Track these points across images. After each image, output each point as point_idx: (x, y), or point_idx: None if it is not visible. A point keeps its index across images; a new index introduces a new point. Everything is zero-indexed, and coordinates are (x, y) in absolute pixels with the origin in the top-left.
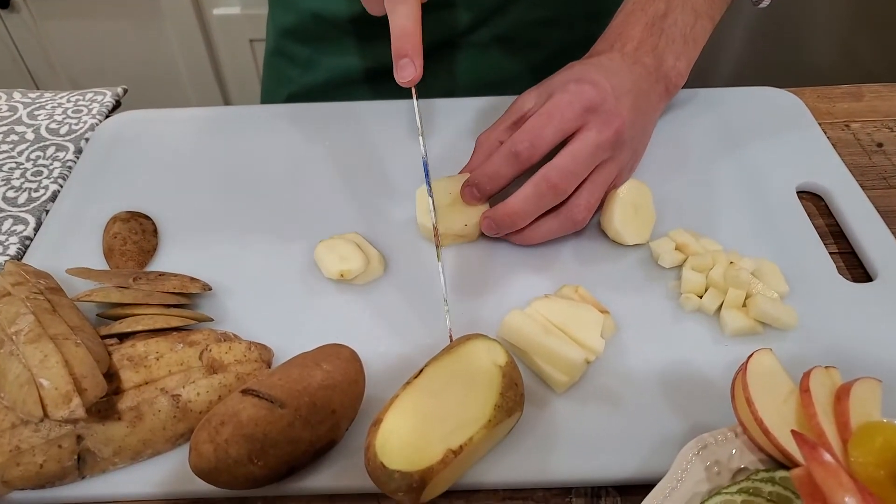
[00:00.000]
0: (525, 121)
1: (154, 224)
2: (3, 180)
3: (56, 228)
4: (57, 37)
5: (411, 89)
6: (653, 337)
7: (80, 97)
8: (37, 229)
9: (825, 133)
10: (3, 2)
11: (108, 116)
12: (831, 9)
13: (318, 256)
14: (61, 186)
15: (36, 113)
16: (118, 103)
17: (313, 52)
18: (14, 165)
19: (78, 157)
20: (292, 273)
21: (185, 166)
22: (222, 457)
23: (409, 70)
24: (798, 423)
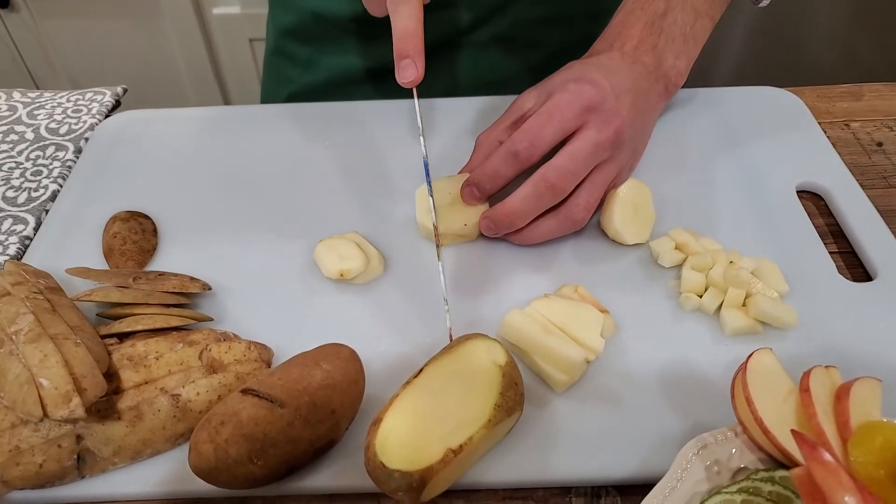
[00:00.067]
0: (524, 120)
1: (154, 224)
2: (3, 180)
3: (56, 228)
4: (57, 36)
5: (412, 89)
6: (653, 336)
7: (80, 97)
8: (36, 229)
9: (825, 132)
10: (2, 1)
11: (108, 116)
12: (831, 8)
13: (317, 256)
14: (61, 186)
15: (35, 112)
16: (118, 103)
17: (313, 51)
18: (14, 165)
19: (78, 157)
20: (292, 273)
21: (184, 166)
22: (222, 456)
23: (410, 71)
24: (798, 423)
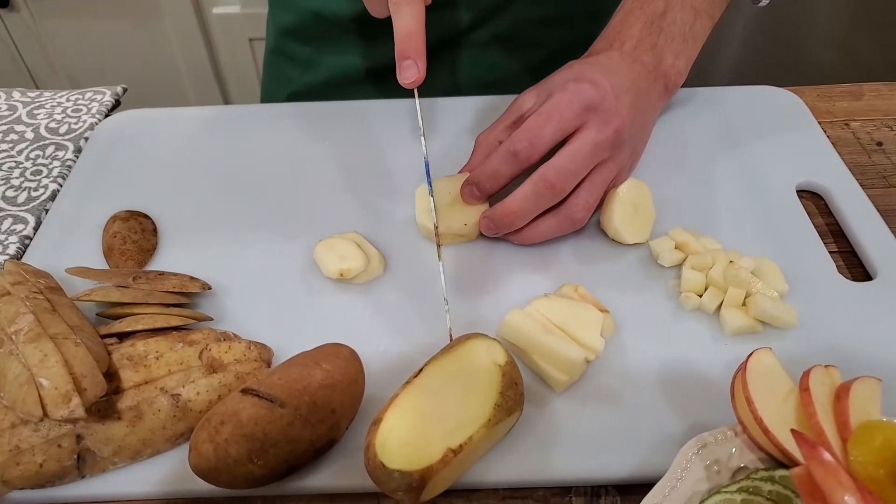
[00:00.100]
0: (524, 120)
1: (153, 223)
2: (3, 179)
3: (55, 228)
4: (56, 36)
5: (413, 89)
6: (652, 336)
7: (80, 96)
8: (36, 228)
9: (825, 132)
10: (2, 1)
11: (108, 115)
12: (831, 8)
13: (317, 256)
14: (61, 186)
15: (35, 112)
16: (117, 102)
17: (313, 51)
18: (13, 164)
19: (77, 157)
20: (292, 272)
21: (184, 165)
22: (222, 456)
23: (412, 71)
24: (798, 422)
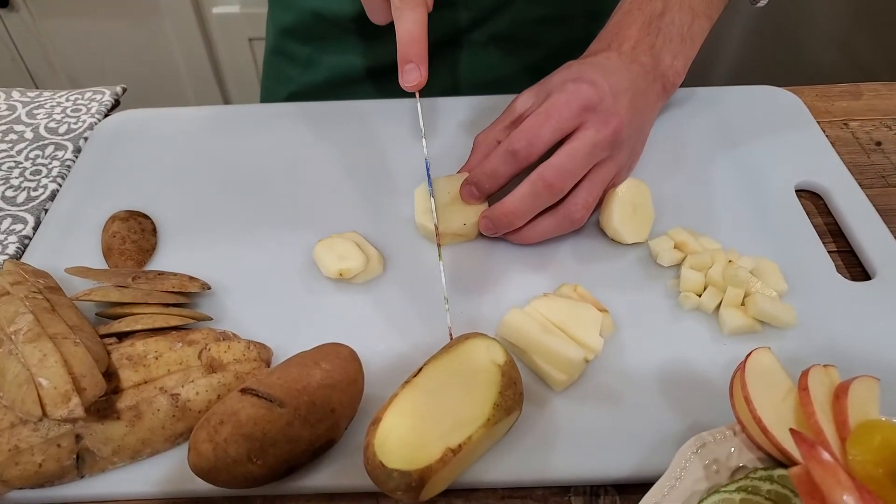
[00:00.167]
0: (523, 120)
1: (153, 223)
2: (2, 179)
3: (55, 227)
4: (56, 35)
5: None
6: (651, 335)
7: (79, 96)
8: (36, 228)
9: (824, 132)
10: (2, 1)
11: (107, 115)
12: (830, 7)
13: (317, 255)
14: (60, 185)
15: (35, 112)
16: (117, 102)
17: (313, 51)
18: (13, 164)
19: (77, 157)
20: (291, 272)
21: (184, 165)
22: (221, 456)
23: (414, 75)
24: (796, 422)
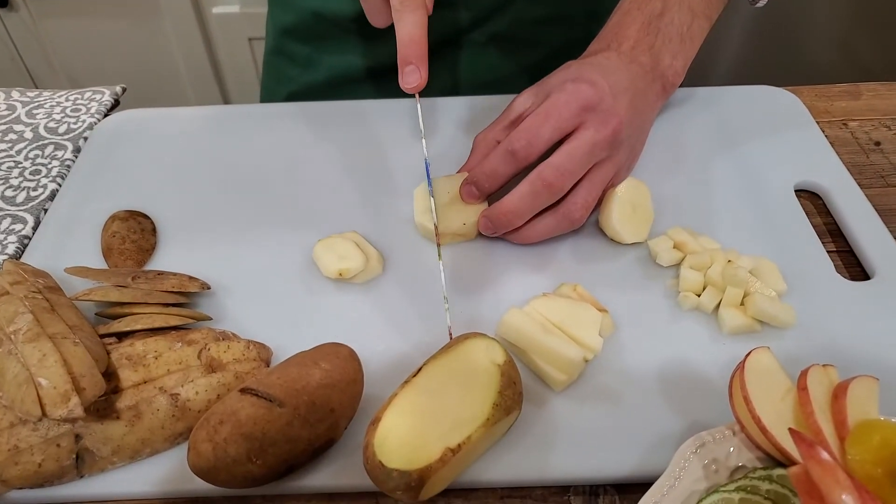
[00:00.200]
0: (522, 120)
1: (153, 223)
2: (2, 179)
3: (55, 227)
4: (56, 35)
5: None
6: (651, 335)
7: (79, 96)
8: (35, 228)
9: (823, 132)
10: (2, 1)
11: (107, 115)
12: (830, 7)
13: (316, 255)
14: (60, 185)
15: (34, 112)
16: (117, 102)
17: (313, 51)
18: (12, 164)
19: (76, 156)
20: (291, 272)
21: (183, 165)
22: (221, 456)
23: (414, 77)
24: (795, 422)
